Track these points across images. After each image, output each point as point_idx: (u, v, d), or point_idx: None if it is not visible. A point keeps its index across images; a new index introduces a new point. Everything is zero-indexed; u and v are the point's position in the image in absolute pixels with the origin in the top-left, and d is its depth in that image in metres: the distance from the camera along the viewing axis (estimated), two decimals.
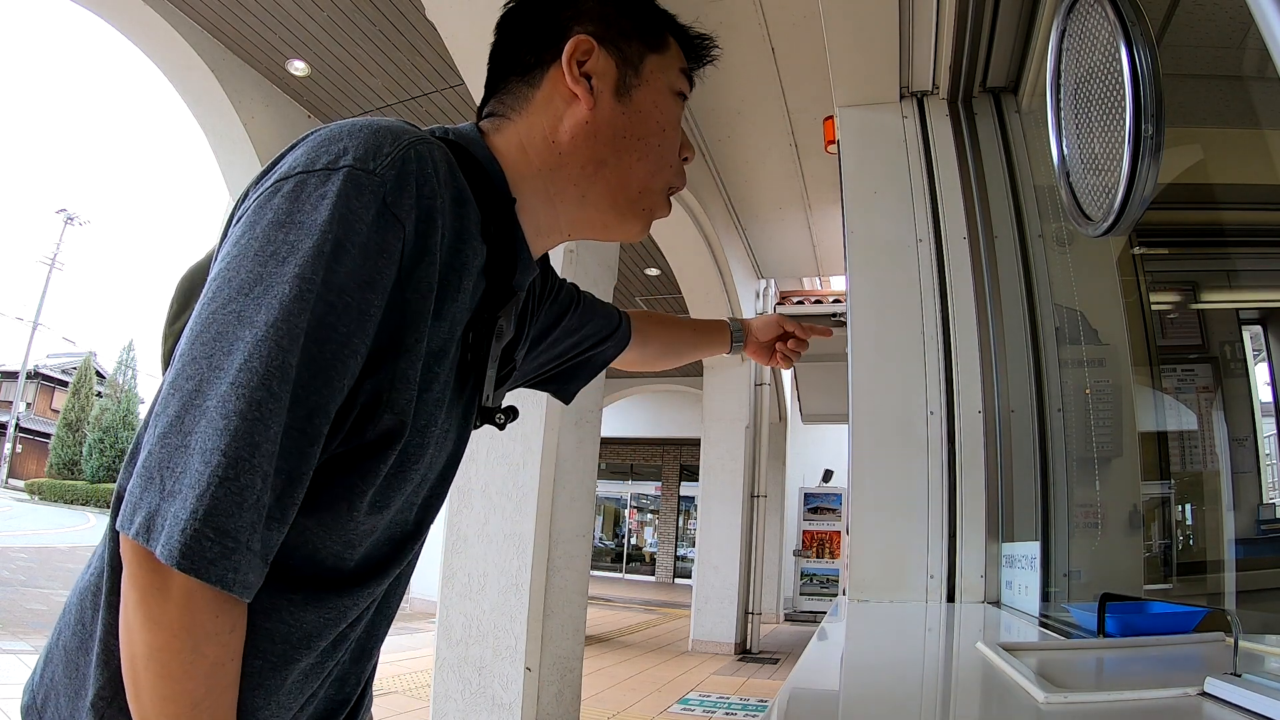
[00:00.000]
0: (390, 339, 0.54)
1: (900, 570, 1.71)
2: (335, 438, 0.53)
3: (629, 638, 7.79)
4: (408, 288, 0.53)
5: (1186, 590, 1.44)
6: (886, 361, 1.85)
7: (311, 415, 0.50)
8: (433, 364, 0.57)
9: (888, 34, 1.85)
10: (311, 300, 0.49)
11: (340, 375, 0.51)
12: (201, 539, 0.46)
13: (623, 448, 16.97)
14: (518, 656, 2.88)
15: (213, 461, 0.46)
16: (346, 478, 0.55)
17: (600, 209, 0.70)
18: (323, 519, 0.55)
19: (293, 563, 0.55)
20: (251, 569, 0.49)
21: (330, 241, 0.49)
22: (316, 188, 0.51)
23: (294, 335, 0.48)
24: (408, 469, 0.58)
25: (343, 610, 0.59)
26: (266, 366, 0.47)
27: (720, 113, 4.91)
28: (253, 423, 0.47)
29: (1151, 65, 0.82)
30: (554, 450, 3.10)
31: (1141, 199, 0.85)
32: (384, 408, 0.54)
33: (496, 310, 0.64)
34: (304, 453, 0.50)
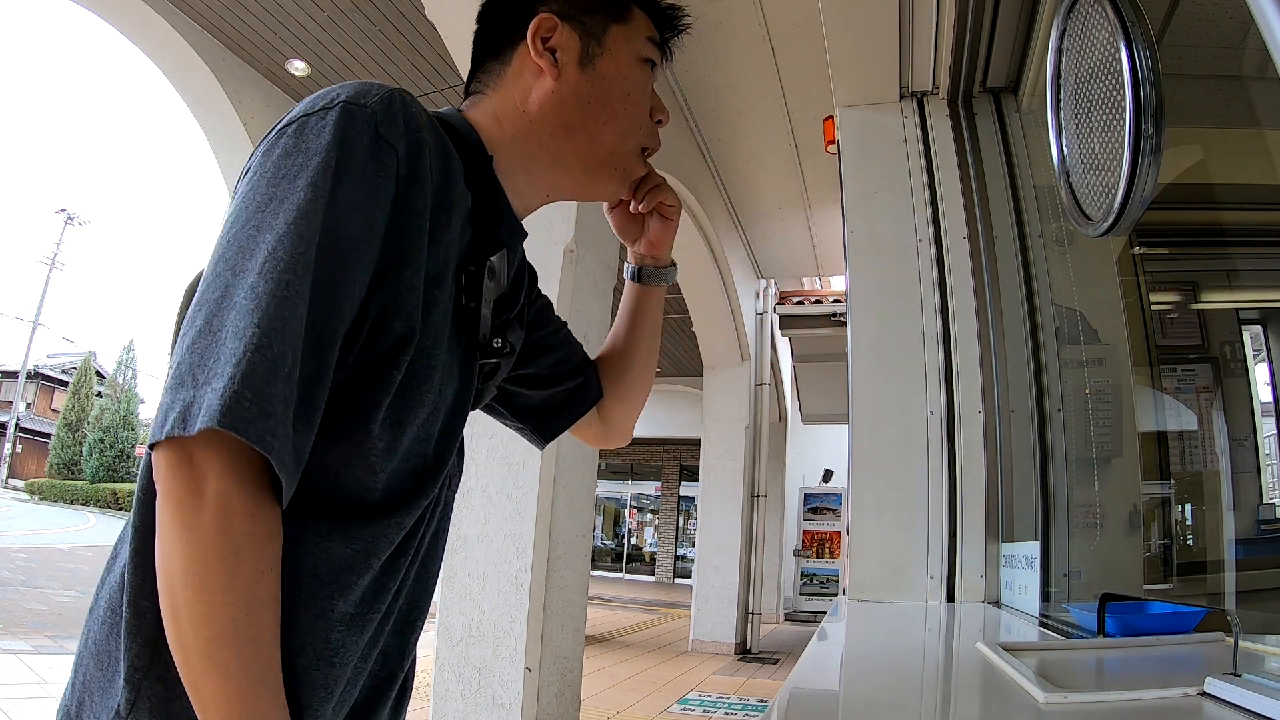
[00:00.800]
0: (394, 255, 0.57)
1: (900, 570, 1.71)
2: (351, 352, 0.56)
3: (629, 638, 7.79)
4: (405, 207, 0.58)
5: (1186, 590, 1.44)
6: (886, 361, 1.85)
7: (329, 318, 0.53)
8: (432, 288, 0.61)
9: (888, 34, 1.85)
10: (323, 208, 0.53)
11: (352, 282, 0.54)
12: (241, 399, 0.47)
13: (623, 448, 16.96)
14: (518, 656, 2.88)
15: (247, 334, 0.49)
16: (363, 391, 0.57)
17: (573, 171, 0.75)
18: (341, 436, 0.57)
19: (316, 490, 0.56)
20: (286, 448, 0.50)
21: (334, 161, 0.54)
22: (317, 123, 0.56)
23: (312, 231, 0.52)
24: (418, 388, 0.60)
25: (370, 543, 0.59)
26: (291, 253, 0.51)
27: (720, 113, 4.91)
28: (282, 300, 0.50)
29: (1151, 65, 0.82)
30: (554, 450, 3.10)
31: (1141, 199, 0.85)
32: (393, 316, 0.57)
33: (487, 255, 0.67)
34: (322, 354, 0.53)
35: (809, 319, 6.98)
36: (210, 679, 0.49)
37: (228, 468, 0.49)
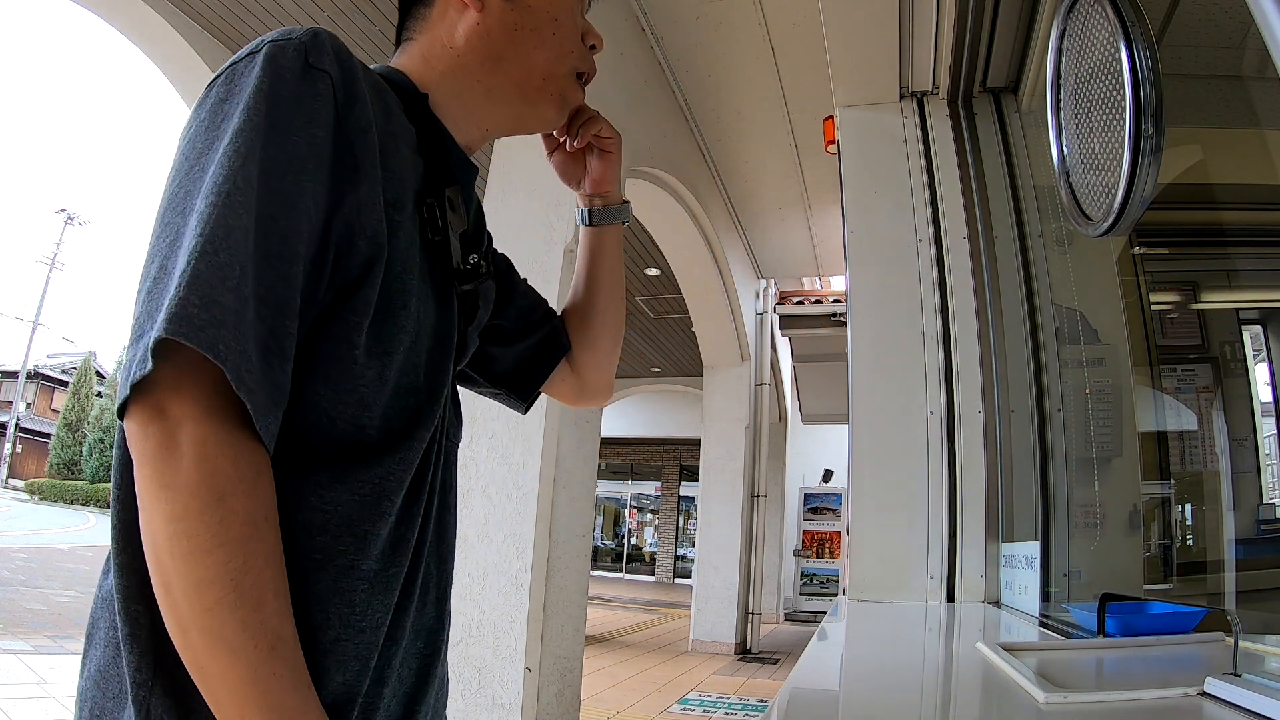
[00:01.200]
0: (347, 172, 0.56)
1: (900, 570, 1.71)
2: (320, 282, 0.55)
3: (629, 638, 7.79)
4: (348, 124, 0.56)
5: (1186, 590, 1.44)
6: (886, 361, 1.85)
7: (286, 237, 0.51)
8: (393, 213, 0.59)
9: (888, 34, 1.85)
10: (262, 132, 0.52)
11: (304, 199, 0.53)
12: (186, 305, 0.45)
13: (623, 448, 16.97)
14: (518, 656, 2.88)
15: (190, 246, 0.47)
16: (340, 319, 0.56)
17: (509, 100, 0.74)
18: (328, 373, 0.55)
19: (311, 439, 0.55)
20: (249, 369, 0.47)
21: (267, 92, 0.53)
22: (245, 68, 0.55)
23: (252, 153, 0.51)
24: (397, 312, 0.59)
25: (378, 485, 0.57)
26: (230, 171, 0.49)
27: (720, 113, 4.91)
28: (224, 208, 0.48)
29: (1151, 65, 0.82)
30: (554, 450, 3.10)
31: (1141, 199, 0.85)
32: (358, 236, 0.56)
33: (443, 187, 0.66)
34: (286, 276, 0.51)
35: (809, 319, 6.98)
36: (215, 658, 0.45)
37: (202, 410, 0.46)
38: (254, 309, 0.48)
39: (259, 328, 0.49)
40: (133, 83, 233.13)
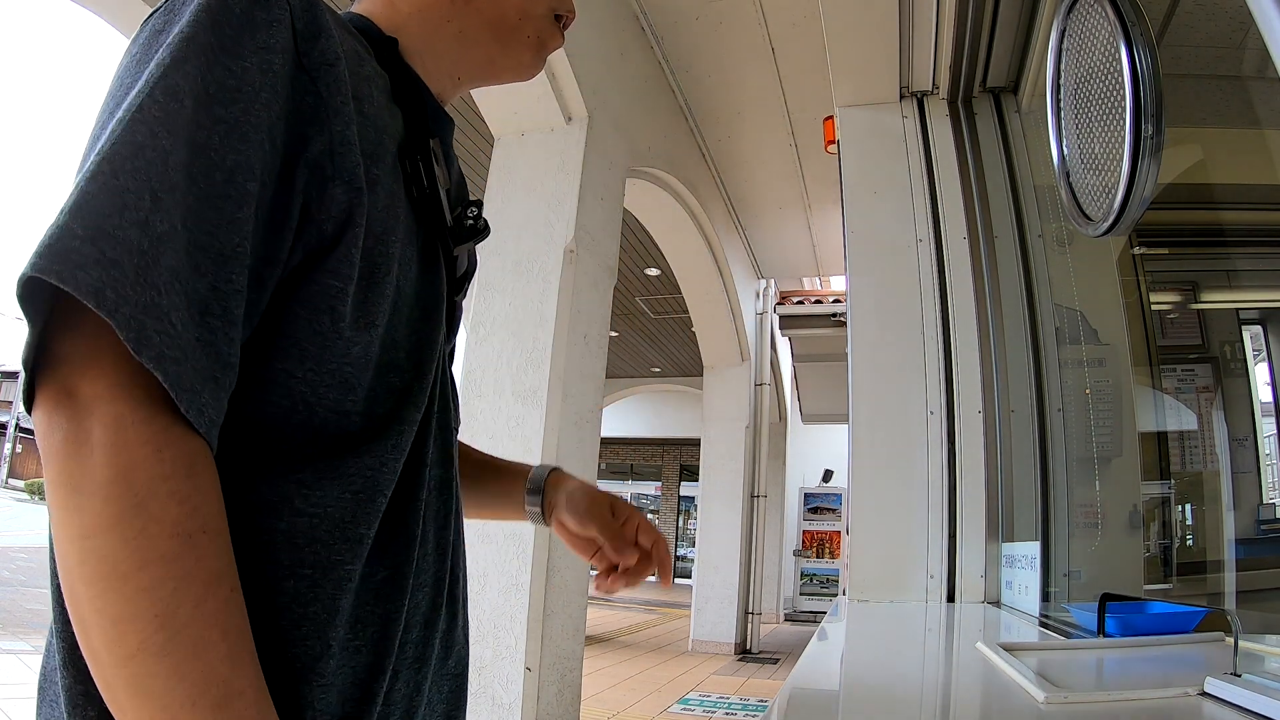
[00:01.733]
0: (312, 108, 0.48)
1: (900, 570, 1.71)
2: (285, 232, 0.46)
3: (629, 638, 7.79)
4: (311, 58, 0.48)
5: (1186, 590, 1.44)
6: (886, 361, 1.85)
7: (232, 173, 0.42)
8: (370, 165, 0.51)
9: (888, 34, 1.85)
10: (201, 63, 0.43)
11: (256, 130, 0.44)
12: (66, 236, 0.35)
13: (623, 448, 16.97)
14: (518, 656, 2.88)
15: (89, 166, 0.38)
16: (319, 285, 0.47)
17: (481, 42, 0.66)
18: (306, 350, 0.47)
19: (288, 431, 0.46)
20: (155, 325, 0.36)
21: (210, 20, 0.44)
22: (184, 2, 0.46)
23: (187, 82, 0.42)
24: (379, 278, 0.51)
25: (370, 478, 0.49)
26: (148, 89, 0.41)
27: (720, 113, 4.91)
28: (131, 127, 0.39)
29: (1151, 65, 0.82)
30: (554, 450, 3.10)
31: (1141, 199, 0.85)
32: (331, 182, 0.48)
33: (425, 139, 0.59)
34: (234, 220, 0.42)
35: (809, 319, 6.97)
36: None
37: (118, 391, 0.37)
38: (185, 255, 0.39)
39: (195, 281, 0.39)
40: None
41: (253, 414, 0.45)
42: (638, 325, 9.01)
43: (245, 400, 0.45)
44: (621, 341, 9.58)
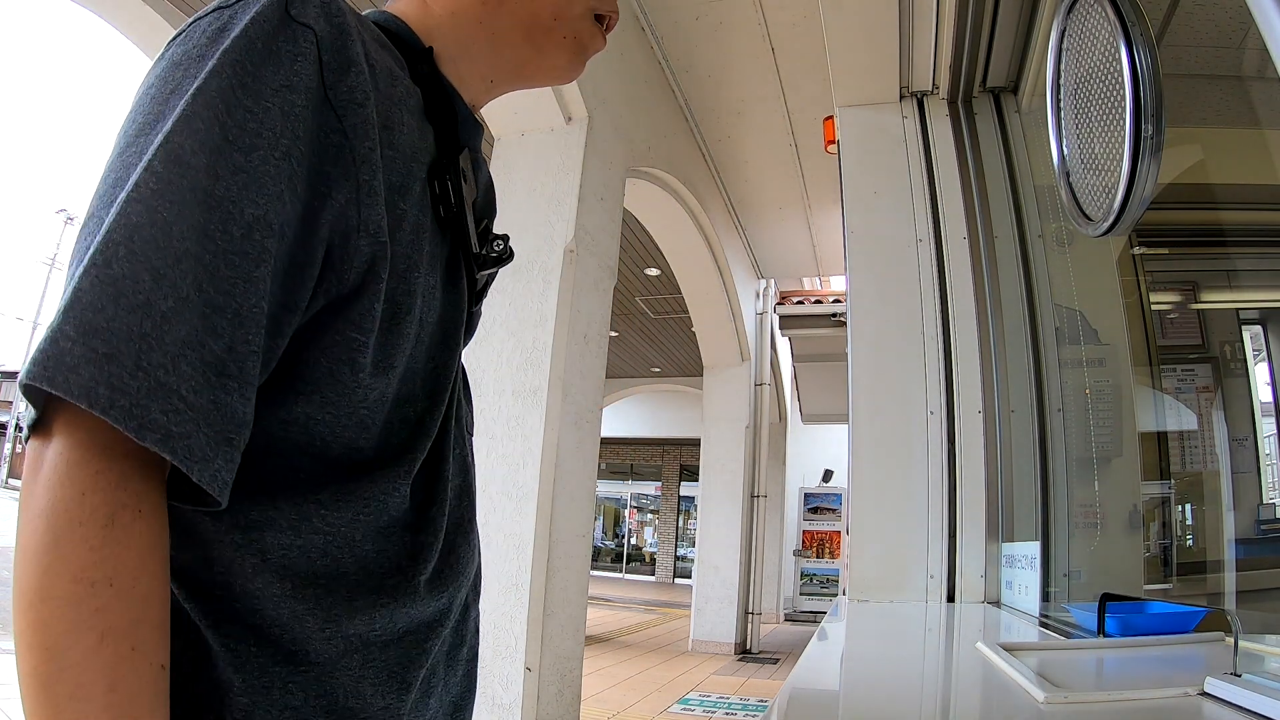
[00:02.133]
0: (338, 153, 0.47)
1: (900, 570, 1.71)
2: (304, 284, 0.46)
3: (629, 638, 7.79)
4: (339, 94, 0.47)
5: (1186, 590, 1.44)
6: (886, 361, 1.85)
7: (250, 230, 0.41)
8: (397, 200, 0.51)
9: (888, 34, 1.85)
10: (221, 108, 0.42)
11: (275, 181, 0.43)
12: (59, 339, 0.36)
13: (623, 448, 16.97)
14: (518, 656, 2.88)
15: (85, 258, 0.38)
16: (340, 335, 0.48)
17: (515, 44, 0.64)
18: (326, 396, 0.48)
19: (307, 461, 0.48)
20: (160, 406, 0.37)
21: (231, 52, 0.43)
22: (211, 24, 0.45)
23: (199, 137, 0.41)
24: (400, 321, 0.51)
25: (382, 502, 0.50)
26: (167, 147, 0.40)
27: (720, 113, 4.91)
28: (139, 207, 0.38)
29: (1151, 65, 0.82)
30: (554, 450, 3.10)
31: (1141, 199, 0.85)
32: (356, 233, 0.47)
33: (454, 155, 0.58)
34: (250, 279, 0.41)
35: (809, 319, 6.97)
36: None
37: (71, 427, 0.37)
38: (200, 319, 0.39)
39: (212, 343, 0.39)
40: (133, 83, 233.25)
41: (274, 444, 0.47)
42: (638, 325, 9.01)
43: (267, 434, 0.46)
44: (621, 341, 9.58)
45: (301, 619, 0.47)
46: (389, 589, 0.51)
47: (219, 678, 0.45)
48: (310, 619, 0.47)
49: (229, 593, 0.45)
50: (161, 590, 0.40)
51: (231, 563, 0.45)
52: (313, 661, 0.47)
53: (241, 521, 0.45)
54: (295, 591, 0.46)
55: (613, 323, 5.03)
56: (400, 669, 0.52)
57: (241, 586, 0.45)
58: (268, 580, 0.46)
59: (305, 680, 0.47)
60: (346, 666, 0.49)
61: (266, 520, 0.46)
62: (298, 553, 0.47)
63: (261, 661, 0.46)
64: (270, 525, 0.46)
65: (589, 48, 0.67)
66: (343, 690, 0.48)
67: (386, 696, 0.51)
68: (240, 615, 0.46)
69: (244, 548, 0.45)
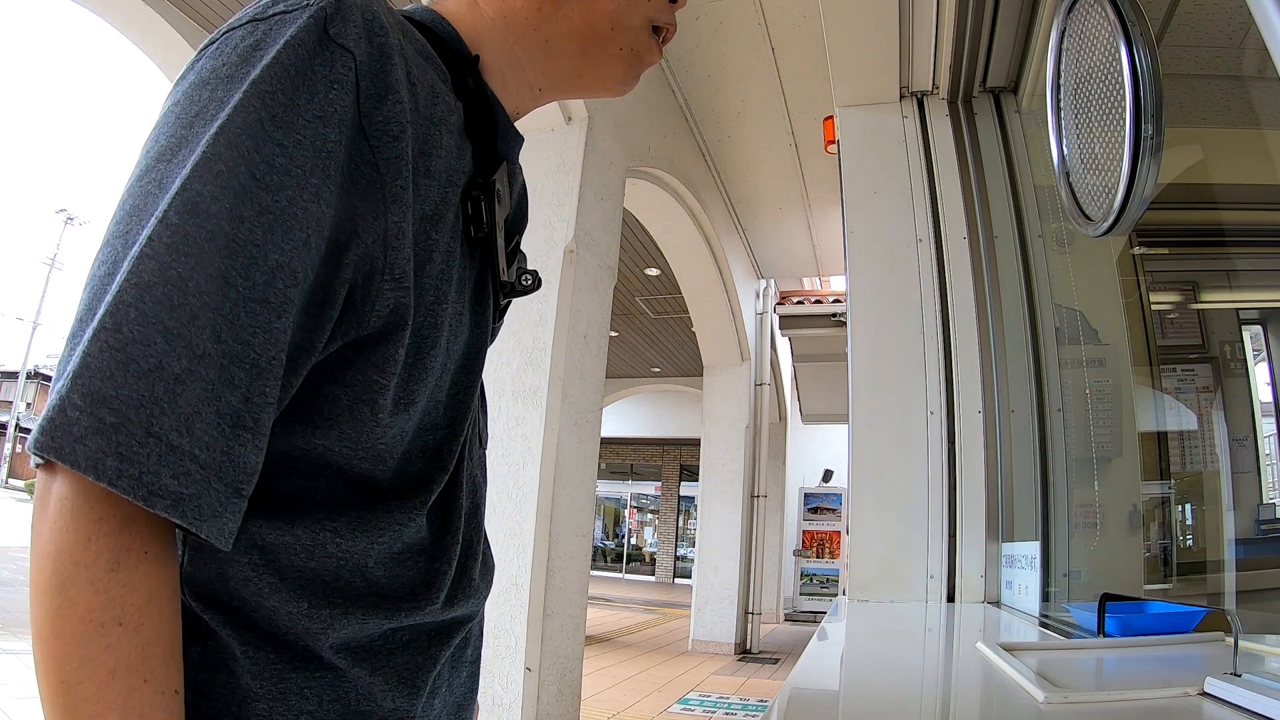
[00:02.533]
0: (368, 186, 0.45)
1: (900, 570, 1.71)
2: (321, 327, 0.44)
3: (629, 638, 7.79)
4: (374, 125, 0.45)
5: (1186, 590, 1.44)
6: (886, 361, 1.85)
7: (274, 278, 0.40)
8: (429, 230, 0.49)
9: (888, 34, 1.85)
10: (248, 145, 0.40)
11: (303, 225, 0.41)
12: (66, 409, 0.35)
13: (623, 448, 16.97)
14: (518, 656, 2.88)
15: (94, 321, 0.36)
16: (361, 374, 0.47)
17: (569, 53, 0.61)
18: (344, 431, 0.47)
19: (322, 487, 0.48)
20: (171, 470, 0.36)
21: (262, 81, 0.41)
22: (243, 39, 0.43)
23: (220, 180, 0.39)
24: (425, 356, 0.49)
25: (396, 529, 0.50)
26: (180, 212, 0.38)
27: (720, 113, 4.91)
28: (152, 264, 0.37)
29: (1151, 65, 0.82)
30: (554, 450, 3.10)
31: (1141, 199, 0.85)
32: (380, 277, 0.45)
33: (490, 175, 0.56)
34: (270, 330, 0.40)
35: (809, 319, 6.98)
36: None
37: (70, 473, 0.37)
38: (217, 372, 0.38)
39: (228, 395, 0.39)
40: (133, 83, 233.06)
41: (292, 465, 0.47)
42: (638, 325, 9.01)
43: (285, 455, 0.46)
44: (621, 341, 9.58)
45: (315, 635, 0.47)
46: (404, 612, 0.51)
47: (238, 684, 0.45)
48: (325, 636, 0.47)
49: (245, 605, 0.46)
50: (171, 623, 0.40)
51: (248, 580, 0.46)
52: (327, 667, 0.48)
53: (258, 542, 0.45)
54: (311, 611, 0.47)
55: (613, 323, 5.03)
56: (410, 674, 0.53)
57: (257, 601, 0.46)
58: (285, 598, 0.46)
59: (320, 686, 0.48)
60: (359, 674, 0.49)
61: (282, 545, 0.46)
62: (312, 575, 0.47)
63: (279, 668, 0.46)
64: (285, 549, 0.46)
65: (645, 60, 0.64)
66: (356, 695, 0.49)
67: (397, 700, 0.51)
68: (257, 624, 0.46)
69: (261, 567, 0.46)
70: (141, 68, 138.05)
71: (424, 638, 0.54)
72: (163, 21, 4.26)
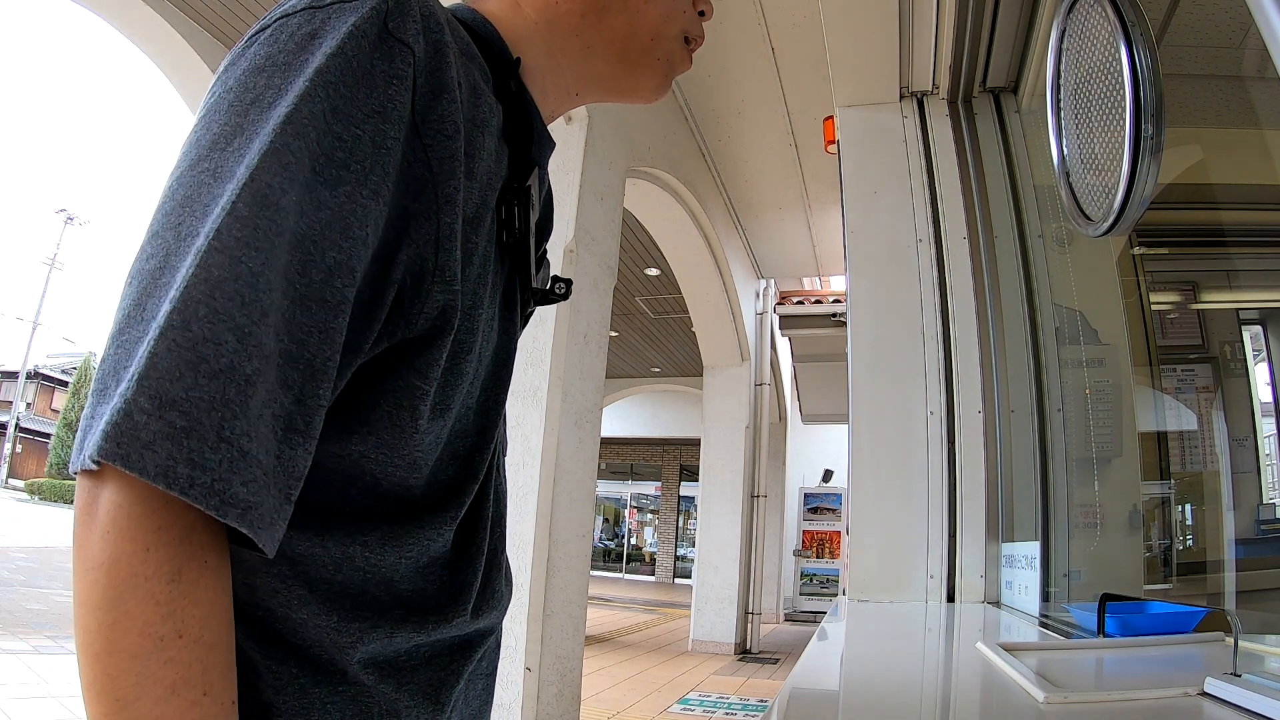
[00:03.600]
0: (420, 187, 0.44)
1: (900, 570, 1.71)
2: (370, 328, 0.43)
3: (629, 638, 7.79)
4: (428, 124, 0.44)
5: (1186, 590, 1.44)
6: (886, 361, 1.85)
7: (331, 276, 0.39)
8: (470, 233, 0.48)
9: (888, 34, 1.85)
10: (312, 137, 0.39)
11: (362, 222, 0.41)
12: (133, 413, 0.33)
13: (623, 448, 16.97)
14: (518, 656, 2.88)
15: (160, 318, 0.35)
16: (403, 380, 0.46)
17: (609, 60, 0.62)
18: (382, 439, 0.46)
19: (355, 497, 0.47)
20: (241, 477, 0.35)
21: (325, 72, 0.40)
22: (301, 26, 0.42)
23: (288, 172, 0.38)
24: (462, 361, 0.49)
25: (425, 547, 0.49)
26: (255, 199, 0.37)
27: (720, 113, 4.91)
28: (222, 259, 0.36)
29: (1151, 65, 0.82)
30: (554, 450, 3.10)
31: (1141, 199, 0.85)
32: (431, 279, 0.44)
33: (525, 180, 0.56)
34: (326, 330, 0.39)
35: (809, 319, 6.98)
36: None
37: (127, 480, 0.35)
38: (276, 372, 0.37)
39: (283, 398, 0.38)
40: (133, 83, 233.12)
41: (326, 476, 0.45)
42: (638, 325, 9.02)
43: (319, 465, 0.45)
44: (621, 341, 9.58)
45: (344, 650, 0.46)
46: (430, 625, 0.51)
47: (259, 699, 0.45)
48: (353, 650, 0.47)
49: (271, 616, 0.45)
50: (228, 633, 0.39)
51: (277, 592, 0.45)
52: (350, 681, 0.47)
53: (289, 554, 0.44)
54: (340, 625, 0.46)
55: (613, 323, 5.03)
56: (435, 689, 0.52)
57: (284, 613, 0.45)
58: (314, 611, 0.45)
59: (342, 701, 0.47)
60: (385, 689, 0.49)
61: (312, 556, 0.45)
62: (339, 588, 0.46)
63: (302, 683, 0.46)
64: (314, 561, 0.45)
65: (677, 69, 0.66)
66: (379, 710, 0.49)
67: (421, 715, 0.51)
68: (282, 636, 0.45)
69: (290, 579, 0.45)
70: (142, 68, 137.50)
71: (447, 652, 0.53)
72: (163, 22, 4.26)
